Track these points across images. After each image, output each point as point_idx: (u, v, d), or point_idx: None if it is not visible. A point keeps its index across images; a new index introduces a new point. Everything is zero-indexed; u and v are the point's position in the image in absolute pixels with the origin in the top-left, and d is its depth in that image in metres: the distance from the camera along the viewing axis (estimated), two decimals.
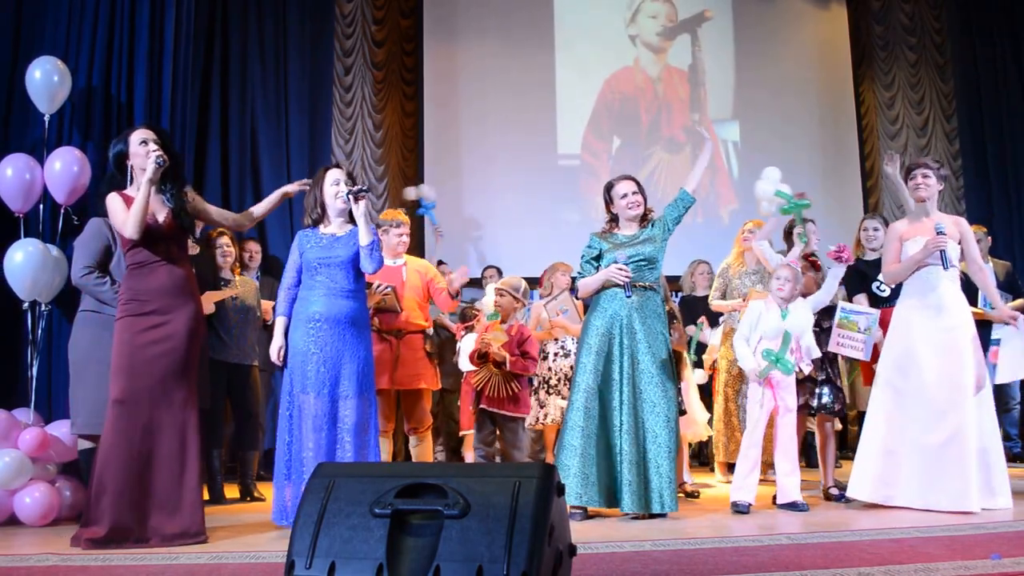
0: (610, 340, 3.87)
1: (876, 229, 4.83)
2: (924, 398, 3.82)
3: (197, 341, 3.44)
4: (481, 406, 4.50)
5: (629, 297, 3.86)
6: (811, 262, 4.65)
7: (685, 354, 5.02)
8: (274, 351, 3.62)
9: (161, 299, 3.35)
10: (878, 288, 4.72)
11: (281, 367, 3.66)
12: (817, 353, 4.15)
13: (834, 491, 4.23)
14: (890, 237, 4.12)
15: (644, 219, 4.08)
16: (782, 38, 8.61)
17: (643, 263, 3.93)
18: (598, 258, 4.03)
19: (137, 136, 3.42)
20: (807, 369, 4.11)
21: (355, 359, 3.56)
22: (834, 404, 4.32)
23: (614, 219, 4.13)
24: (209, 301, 4.21)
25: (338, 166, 3.84)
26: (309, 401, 3.49)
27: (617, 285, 3.88)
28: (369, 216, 3.64)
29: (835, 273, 4.25)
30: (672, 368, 3.94)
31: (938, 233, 3.84)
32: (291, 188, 3.82)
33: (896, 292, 4.60)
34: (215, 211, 3.70)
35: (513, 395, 4.48)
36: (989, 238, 5.96)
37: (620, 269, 3.85)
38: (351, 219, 3.65)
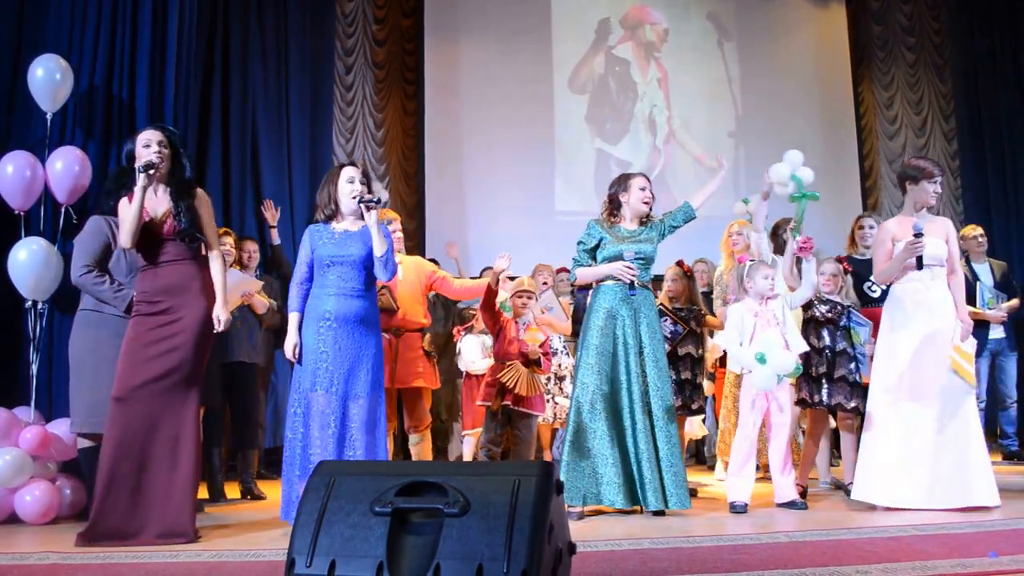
0: (613, 339, 3.86)
1: (872, 227, 4.79)
2: (921, 396, 3.78)
3: (206, 340, 3.43)
4: (505, 403, 4.30)
5: (634, 295, 3.86)
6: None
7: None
8: (289, 348, 3.59)
9: (169, 298, 3.37)
10: (869, 288, 4.70)
11: (296, 363, 3.61)
12: (804, 347, 4.12)
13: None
14: (882, 237, 4.04)
15: (645, 219, 4.10)
16: (781, 37, 8.62)
17: (644, 262, 3.95)
18: (596, 247, 4.01)
19: (142, 138, 3.43)
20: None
21: (366, 357, 3.55)
22: (851, 400, 4.26)
23: (617, 209, 4.09)
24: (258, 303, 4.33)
25: (353, 164, 3.81)
26: (319, 398, 3.48)
27: (619, 281, 3.88)
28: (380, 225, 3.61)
29: (808, 267, 4.17)
30: (667, 364, 3.96)
31: (916, 234, 3.77)
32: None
33: (886, 292, 4.59)
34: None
35: (540, 393, 4.43)
36: (986, 238, 5.96)
37: (628, 267, 3.86)
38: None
